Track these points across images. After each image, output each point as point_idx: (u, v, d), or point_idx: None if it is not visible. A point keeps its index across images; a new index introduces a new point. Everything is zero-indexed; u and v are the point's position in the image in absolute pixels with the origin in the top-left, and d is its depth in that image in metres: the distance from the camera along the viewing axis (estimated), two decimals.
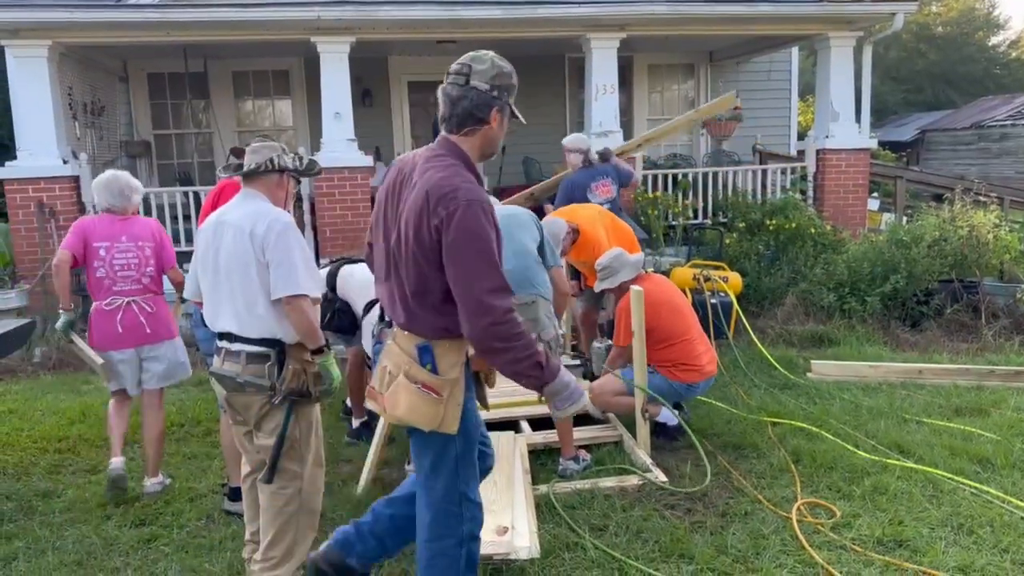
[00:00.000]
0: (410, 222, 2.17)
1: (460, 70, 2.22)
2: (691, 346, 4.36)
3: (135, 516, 3.72)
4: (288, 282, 2.64)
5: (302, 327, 2.67)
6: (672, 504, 3.67)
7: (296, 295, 2.65)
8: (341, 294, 4.56)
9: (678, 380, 4.33)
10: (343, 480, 4.06)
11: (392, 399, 2.25)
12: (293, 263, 2.66)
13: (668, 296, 4.47)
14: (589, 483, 3.82)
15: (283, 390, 2.70)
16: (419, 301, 2.22)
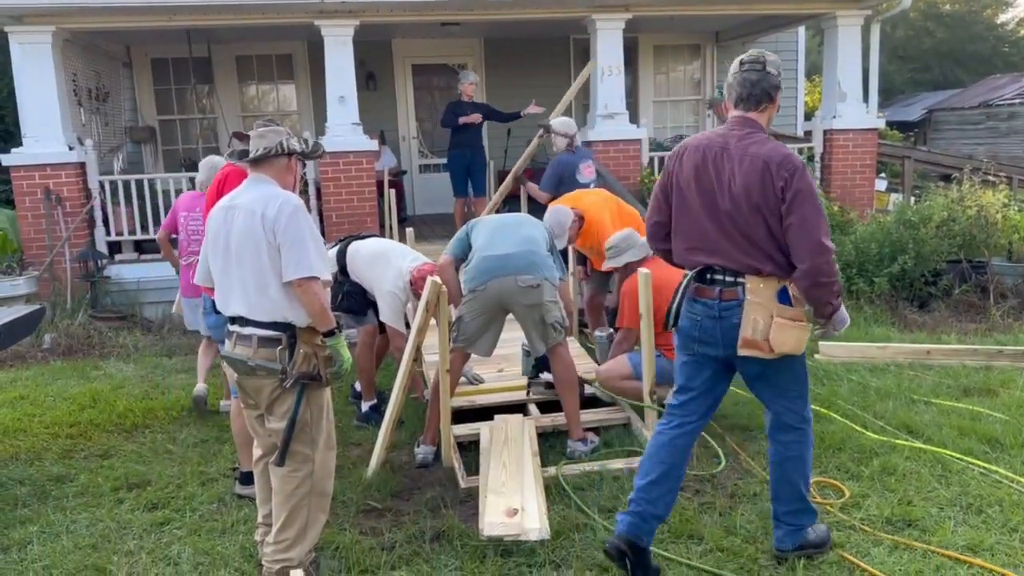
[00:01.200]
0: (752, 186, 2.69)
1: (757, 59, 2.79)
2: None
3: (148, 500, 3.75)
4: (300, 264, 2.64)
5: (314, 309, 2.67)
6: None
7: (308, 277, 2.65)
8: (351, 272, 4.58)
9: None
10: (353, 463, 4.08)
11: (779, 338, 2.72)
12: (304, 245, 2.65)
13: (676, 278, 4.43)
14: (598, 465, 3.84)
15: (294, 374, 2.70)
16: (770, 248, 2.70)
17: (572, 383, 4.10)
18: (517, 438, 3.95)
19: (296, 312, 2.70)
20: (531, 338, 4.02)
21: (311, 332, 2.74)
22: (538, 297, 3.90)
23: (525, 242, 3.99)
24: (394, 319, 4.45)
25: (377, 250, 4.62)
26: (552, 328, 3.96)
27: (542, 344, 4.00)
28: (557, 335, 4.00)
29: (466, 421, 4.40)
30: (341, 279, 4.58)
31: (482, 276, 3.89)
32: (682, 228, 2.89)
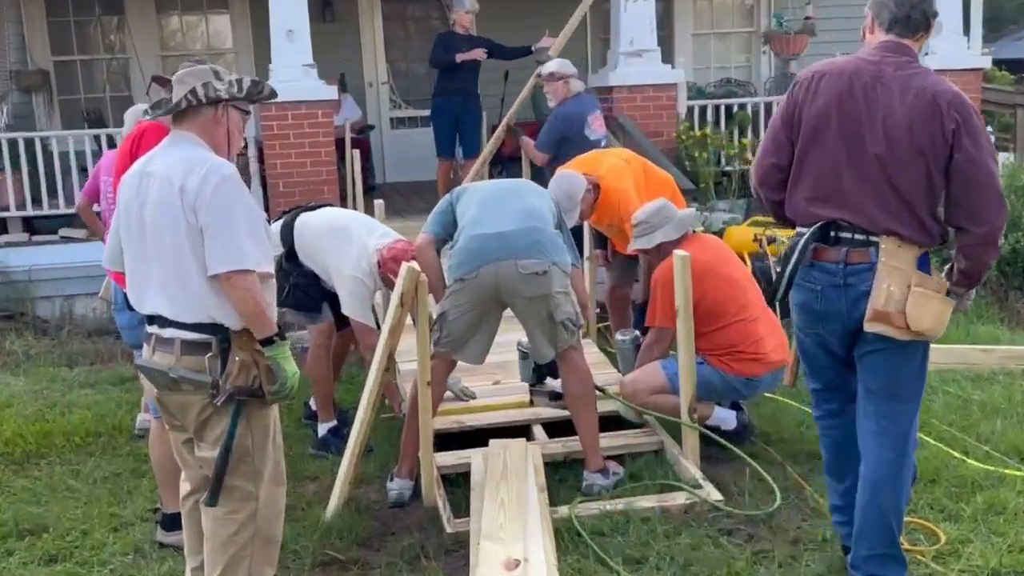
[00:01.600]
0: (917, 125, 2.76)
1: None
2: (752, 327, 4.35)
3: (44, 551, 3.75)
4: (227, 253, 2.62)
5: (246, 310, 2.66)
6: (729, 529, 3.68)
7: (237, 271, 2.64)
8: (301, 253, 4.59)
9: (735, 373, 4.33)
10: (308, 502, 4.08)
11: (917, 312, 2.78)
12: (233, 228, 2.63)
13: (722, 263, 4.46)
14: (622, 503, 3.84)
15: (228, 388, 2.70)
16: (919, 206, 2.80)
17: (588, 397, 4.11)
18: (519, 469, 3.95)
19: (226, 312, 2.69)
20: (535, 340, 4.03)
21: (249, 336, 2.74)
22: (545, 287, 3.91)
23: (527, 216, 3.99)
24: (360, 311, 4.47)
25: (335, 223, 4.61)
26: (563, 327, 3.97)
27: (549, 348, 4.01)
28: (569, 336, 4.01)
29: (453, 448, 4.40)
30: (287, 266, 4.58)
31: (472, 261, 3.90)
32: (809, 173, 2.92)
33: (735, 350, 4.31)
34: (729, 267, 4.46)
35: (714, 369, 4.32)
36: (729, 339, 4.32)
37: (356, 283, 4.42)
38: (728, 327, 4.32)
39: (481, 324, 4.00)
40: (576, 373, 4.07)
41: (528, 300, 3.92)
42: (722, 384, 4.34)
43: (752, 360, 4.33)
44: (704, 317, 4.27)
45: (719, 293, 4.31)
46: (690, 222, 4.58)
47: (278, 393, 2.76)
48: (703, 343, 4.28)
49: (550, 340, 3.99)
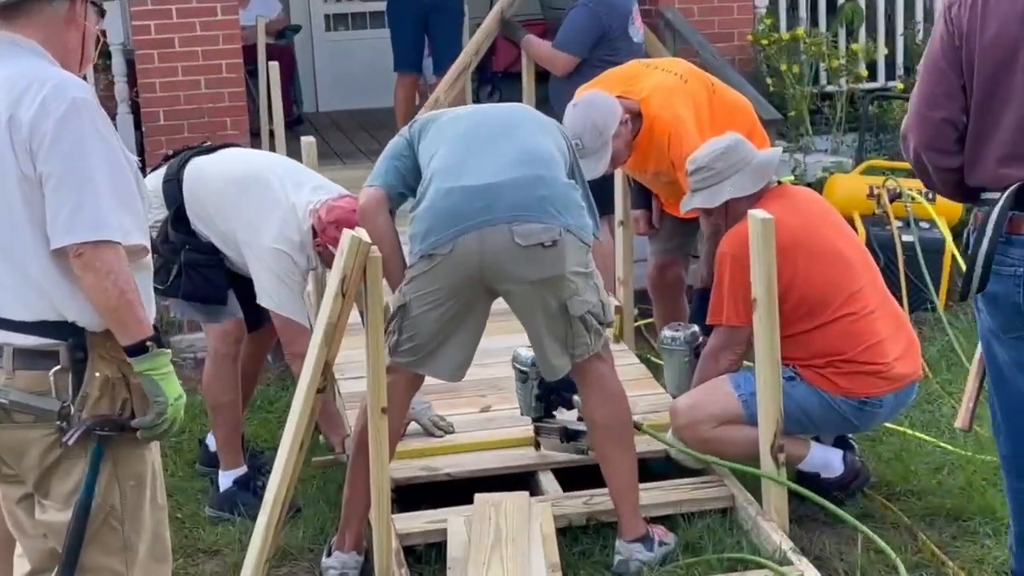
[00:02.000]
0: None
1: None
2: (867, 325, 4.35)
3: None
4: (79, 218, 2.63)
5: (108, 303, 2.66)
6: None
7: (94, 243, 2.64)
8: (195, 218, 4.60)
9: (843, 393, 4.33)
10: None
11: None
12: (89, 179, 2.64)
13: (821, 230, 4.46)
14: None
15: (84, 419, 2.70)
16: None
17: (622, 431, 4.12)
18: (518, 538, 3.96)
19: (80, 305, 2.70)
20: (542, 347, 4.03)
21: (115, 341, 2.73)
22: (555, 265, 3.90)
23: (527, 159, 3.98)
24: (286, 301, 4.49)
25: (245, 172, 4.63)
26: (582, 326, 3.97)
27: (563, 357, 4.01)
28: (593, 340, 4.01)
29: (421, 507, 4.41)
30: (175, 236, 4.59)
31: (444, 227, 3.89)
32: (996, 125, 3.02)
33: (842, 359, 4.32)
34: (832, 236, 4.47)
35: (811, 387, 4.33)
36: (833, 343, 4.33)
37: (279, 259, 4.43)
38: (832, 325, 4.33)
39: (458, 323, 4.00)
40: (604, 394, 4.07)
41: (530, 286, 3.91)
42: (822, 410, 4.34)
43: (868, 374, 4.33)
44: (796, 311, 4.28)
45: (818, 275, 4.33)
46: (773, 168, 4.57)
47: (155, 428, 2.75)
48: (795, 349, 4.29)
49: (564, 346, 3.98)
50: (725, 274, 4.34)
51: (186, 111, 7.64)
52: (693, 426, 4.41)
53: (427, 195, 3.95)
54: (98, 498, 2.74)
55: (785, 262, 4.16)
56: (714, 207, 4.49)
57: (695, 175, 4.51)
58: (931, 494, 4.53)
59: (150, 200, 4.54)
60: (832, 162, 7.79)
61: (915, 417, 5.23)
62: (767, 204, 4.35)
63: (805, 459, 4.46)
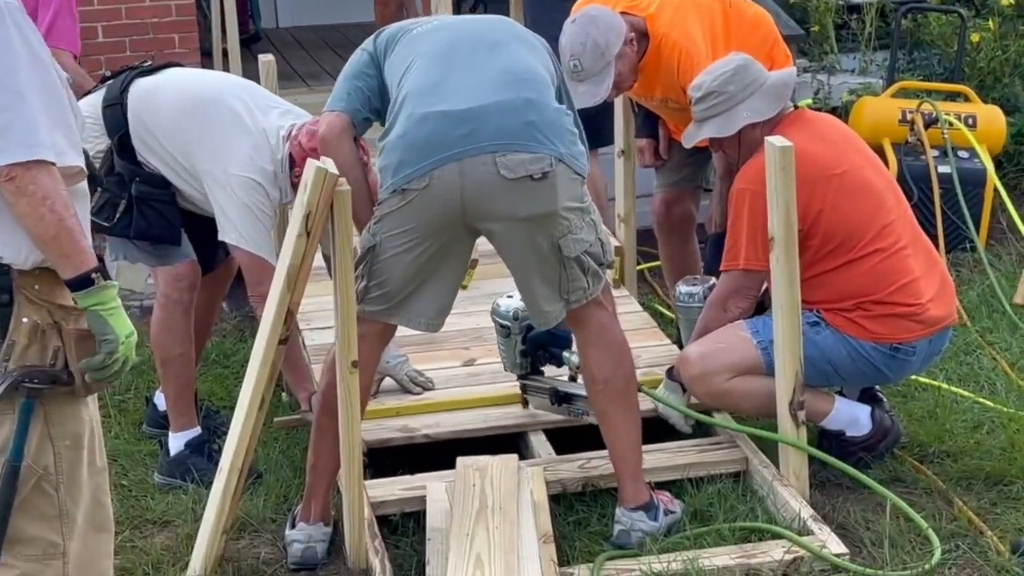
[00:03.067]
0: None
1: None
2: (899, 263, 4.37)
3: None
4: (8, 137, 2.61)
5: (44, 231, 2.65)
6: None
7: (25, 164, 2.62)
8: (142, 142, 4.59)
9: (874, 338, 4.35)
10: (154, 562, 4.11)
11: None
12: (16, 94, 2.62)
13: (848, 159, 4.45)
14: (679, 559, 3.87)
15: (11, 369, 2.69)
16: None
17: (624, 387, 4.12)
18: (506, 506, 3.97)
19: (5, 238, 2.69)
20: (532, 292, 4.02)
21: (46, 281, 2.73)
22: (547, 200, 3.88)
23: (511, 81, 3.94)
24: (253, 236, 4.49)
25: (202, 93, 4.60)
26: (579, 267, 3.95)
27: (556, 303, 4.00)
28: (591, 284, 4.00)
29: (397, 471, 4.43)
30: (122, 168, 4.57)
31: (419, 157, 3.85)
32: None
33: (872, 300, 4.34)
34: (859, 164, 4.47)
35: (838, 334, 4.35)
36: (862, 282, 4.35)
37: (249, 190, 4.43)
38: (860, 263, 4.34)
39: (435, 267, 3.97)
40: (604, 346, 4.07)
41: (518, 224, 3.89)
42: (850, 358, 4.36)
43: (901, 316, 4.36)
44: (821, 249, 4.29)
45: (846, 208, 4.33)
46: (790, 90, 4.56)
47: (105, 369, 2.75)
48: (819, 292, 4.31)
49: (557, 291, 3.97)
50: (743, 212, 4.32)
51: (128, 27, 7.60)
52: (706, 377, 4.41)
53: (399, 121, 3.91)
54: (28, 459, 2.73)
55: (810, 195, 4.17)
56: (727, 136, 4.47)
57: (703, 102, 4.48)
58: (968, 456, 4.54)
59: (89, 128, 4.56)
60: (860, 83, 7.77)
61: (951, 369, 5.24)
62: (786, 131, 4.34)
63: (829, 415, 4.47)
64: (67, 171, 2.69)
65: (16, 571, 2.78)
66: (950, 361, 5.23)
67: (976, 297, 6.00)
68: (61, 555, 2.80)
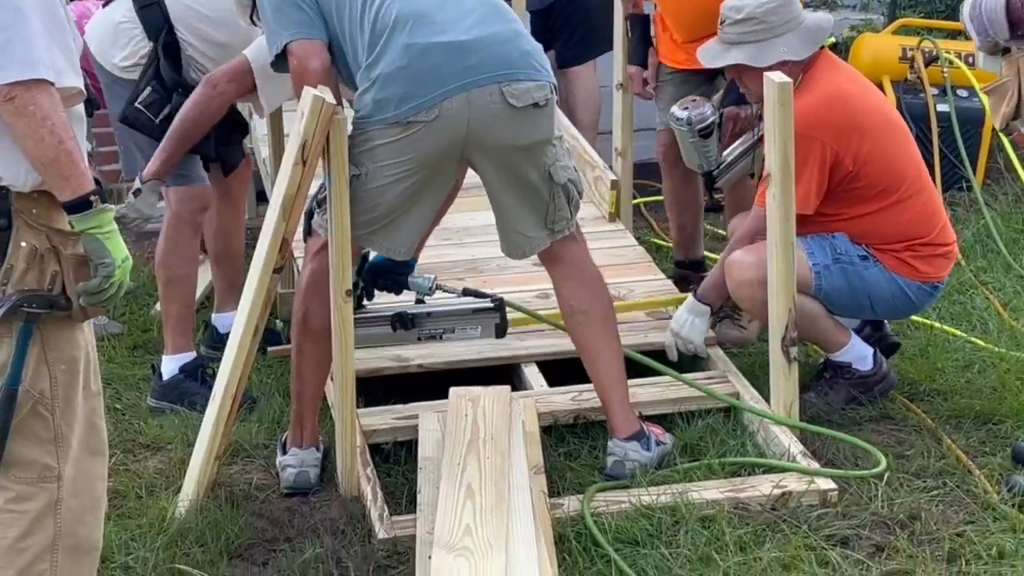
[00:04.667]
0: None
1: None
2: (936, 204, 4.49)
3: None
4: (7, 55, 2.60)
5: (44, 152, 2.64)
6: (844, 535, 3.75)
7: (26, 82, 2.61)
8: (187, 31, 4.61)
9: (923, 278, 4.44)
10: (147, 487, 4.13)
11: None
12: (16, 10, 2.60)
13: (879, 100, 4.54)
14: (668, 492, 3.89)
15: (9, 294, 2.70)
16: None
17: (603, 319, 4.13)
18: (498, 436, 3.99)
19: (5, 160, 2.68)
20: (515, 219, 4.02)
21: (44, 205, 2.73)
22: (545, 127, 3.91)
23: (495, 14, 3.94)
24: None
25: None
26: (565, 196, 3.98)
27: (540, 230, 4.01)
28: (572, 214, 4.04)
29: (389, 400, 4.45)
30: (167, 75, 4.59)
31: (426, 89, 3.80)
32: None
33: (921, 242, 4.43)
34: (889, 108, 4.58)
35: (888, 272, 4.41)
36: (912, 224, 4.44)
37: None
38: (908, 204, 4.42)
39: (422, 196, 3.97)
40: (581, 279, 4.09)
41: (514, 153, 3.91)
42: (891, 295, 4.45)
43: (942, 256, 4.49)
44: (871, 188, 4.36)
45: (892, 148, 4.41)
46: (825, 35, 4.59)
47: (101, 293, 2.75)
48: (869, 231, 4.42)
49: (543, 219, 3.98)
50: (811, 155, 4.29)
51: None
52: (754, 284, 4.37)
53: (393, 51, 3.82)
54: (25, 383, 2.74)
55: (860, 138, 4.24)
56: (757, 68, 4.41)
57: (740, 25, 4.45)
58: (959, 394, 4.57)
59: (126, 31, 4.56)
60: (861, 20, 7.73)
61: (944, 309, 5.26)
62: (825, 75, 4.42)
63: (844, 348, 4.51)
64: (66, 92, 2.68)
65: (11, 493, 2.80)
66: (943, 300, 5.24)
67: (971, 237, 6.00)
68: (56, 478, 2.81)
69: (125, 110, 4.59)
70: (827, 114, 4.30)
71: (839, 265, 4.40)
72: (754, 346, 4.87)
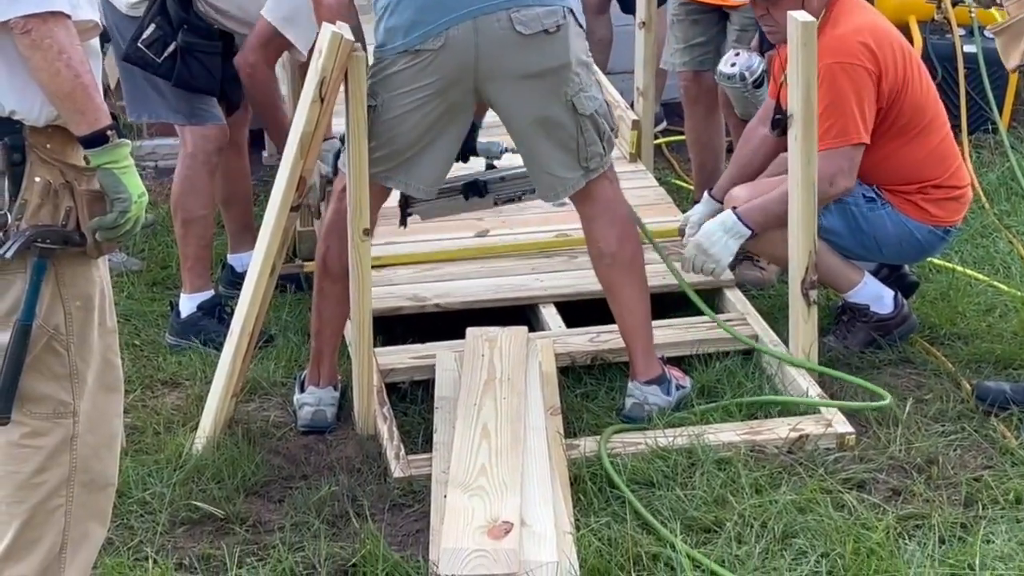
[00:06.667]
0: None
1: None
2: (951, 145, 4.46)
3: None
4: None
5: (60, 85, 2.61)
6: (861, 478, 3.75)
7: (43, 14, 2.57)
8: None
9: (935, 222, 4.42)
10: (164, 424, 4.14)
11: None
12: None
13: (901, 38, 4.51)
14: (686, 434, 3.89)
15: (24, 229, 2.68)
16: None
17: (632, 262, 4.09)
18: (515, 376, 3.99)
19: (19, 94, 2.66)
20: (545, 158, 3.96)
21: (58, 140, 2.70)
22: (559, 54, 3.83)
23: None
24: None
25: None
26: (595, 130, 3.90)
27: (575, 170, 3.94)
28: (606, 150, 3.97)
29: (406, 340, 4.45)
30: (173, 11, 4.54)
31: (433, 16, 3.77)
32: None
33: (933, 183, 4.42)
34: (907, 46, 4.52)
35: (895, 213, 4.40)
36: (925, 165, 4.43)
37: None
38: (922, 142, 4.43)
39: (440, 130, 3.94)
40: (611, 220, 4.04)
41: (531, 83, 3.85)
42: (898, 238, 4.43)
43: (954, 199, 4.49)
44: (889, 127, 4.35)
45: (915, 86, 4.41)
46: None
47: (117, 228, 2.73)
48: (880, 171, 4.39)
49: (575, 156, 3.91)
50: (844, 86, 4.26)
51: None
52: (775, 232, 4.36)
53: None
54: (39, 319, 2.73)
55: (895, 73, 4.26)
56: None
57: None
58: (979, 338, 4.55)
59: None
60: None
61: (966, 252, 5.24)
62: (854, 11, 4.39)
63: (857, 287, 4.49)
64: (81, 26, 2.65)
65: (27, 428, 2.79)
66: (966, 244, 5.24)
67: (996, 179, 5.95)
68: (71, 413, 2.81)
69: (128, 48, 4.55)
70: (869, 43, 4.28)
71: (840, 204, 4.36)
72: (773, 288, 4.85)
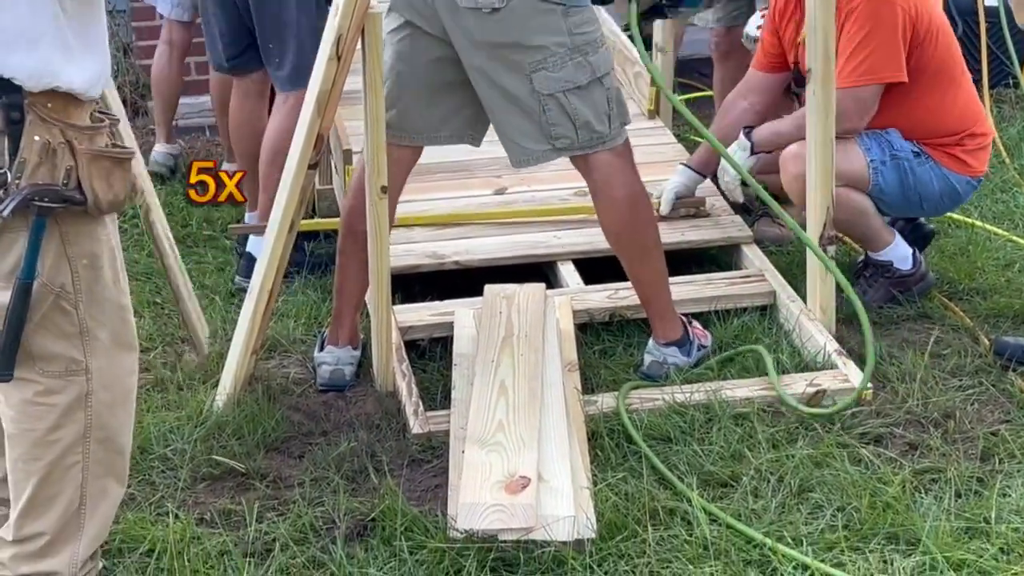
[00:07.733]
0: None
1: None
2: (972, 91, 4.48)
3: None
4: None
5: None
6: (877, 433, 3.74)
7: None
8: None
9: (972, 173, 4.44)
10: (184, 381, 4.16)
11: None
12: None
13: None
14: (704, 390, 3.90)
15: (21, 187, 2.66)
16: None
17: (632, 240, 4.05)
18: (532, 333, 3.99)
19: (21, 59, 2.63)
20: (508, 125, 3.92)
21: (59, 100, 2.68)
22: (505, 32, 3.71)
23: None
24: None
25: None
26: (563, 112, 3.80)
27: (542, 143, 3.86)
28: (579, 138, 3.84)
29: (426, 297, 4.46)
30: None
31: None
32: None
33: (968, 134, 4.43)
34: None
35: (938, 167, 4.40)
36: (962, 116, 4.45)
37: None
38: (956, 94, 4.44)
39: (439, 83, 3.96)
40: (607, 200, 3.97)
41: (484, 49, 3.79)
42: (940, 192, 4.45)
43: (984, 148, 4.52)
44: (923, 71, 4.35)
45: (944, 36, 4.42)
46: None
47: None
48: (922, 125, 4.41)
49: (539, 128, 3.83)
50: (886, 18, 4.27)
51: None
52: (795, 181, 4.34)
53: None
54: (43, 277, 2.73)
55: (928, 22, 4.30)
56: None
57: None
58: (998, 293, 4.54)
59: None
60: None
61: (985, 207, 5.23)
62: None
63: (889, 247, 4.50)
64: None
65: (40, 387, 2.79)
66: (985, 199, 5.24)
67: (1016, 134, 5.95)
68: (84, 371, 2.81)
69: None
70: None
71: (895, 161, 4.38)
72: (792, 244, 4.83)
